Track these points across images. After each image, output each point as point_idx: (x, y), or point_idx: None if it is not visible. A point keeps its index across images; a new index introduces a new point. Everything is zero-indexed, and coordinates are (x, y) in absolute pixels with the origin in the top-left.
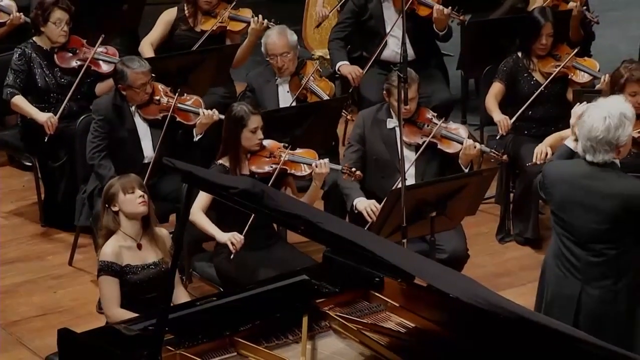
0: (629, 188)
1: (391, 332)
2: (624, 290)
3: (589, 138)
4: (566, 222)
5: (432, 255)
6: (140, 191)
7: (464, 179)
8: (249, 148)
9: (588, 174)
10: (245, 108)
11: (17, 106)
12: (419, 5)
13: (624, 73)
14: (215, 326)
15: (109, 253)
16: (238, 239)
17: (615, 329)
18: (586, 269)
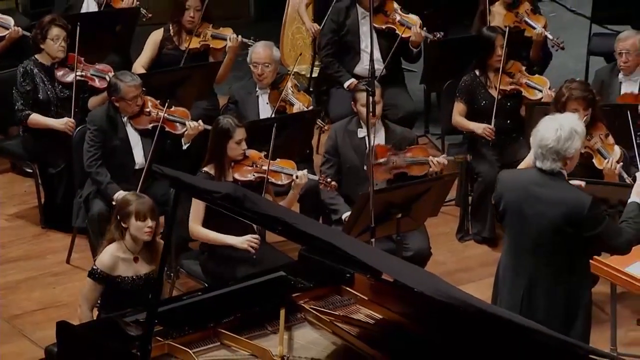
0: (573, 197)
1: (361, 323)
2: (565, 294)
3: (540, 146)
4: (515, 226)
5: (398, 253)
6: (151, 221)
7: (427, 184)
8: (234, 157)
9: (537, 181)
10: (231, 121)
11: (35, 123)
12: (399, 25)
13: (565, 92)
14: (201, 318)
15: (105, 263)
16: (255, 240)
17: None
18: (532, 272)
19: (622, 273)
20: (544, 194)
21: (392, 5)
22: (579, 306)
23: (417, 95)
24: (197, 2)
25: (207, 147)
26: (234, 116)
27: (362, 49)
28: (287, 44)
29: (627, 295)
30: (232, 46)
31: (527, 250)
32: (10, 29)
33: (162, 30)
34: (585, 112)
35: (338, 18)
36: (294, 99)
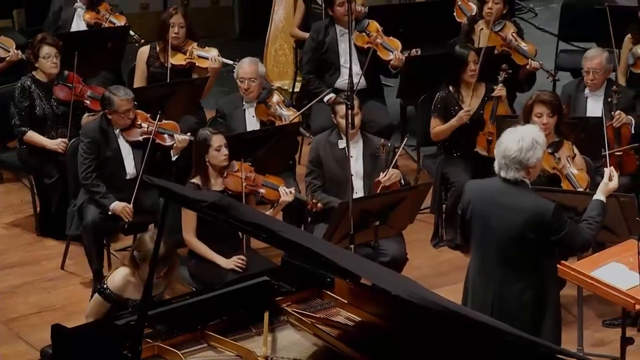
0: (536, 204)
1: (340, 325)
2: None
3: (503, 156)
4: (482, 234)
5: (375, 259)
6: (164, 271)
7: (403, 193)
8: (218, 164)
9: (502, 190)
10: (207, 131)
11: (30, 140)
12: (381, 48)
13: (533, 96)
14: (189, 321)
15: (116, 284)
16: (241, 262)
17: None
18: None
19: (588, 277)
20: (509, 202)
21: (374, 26)
22: (547, 308)
23: (394, 108)
24: (180, 19)
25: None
26: (223, 129)
27: (342, 65)
28: (270, 60)
29: (593, 298)
30: (214, 67)
31: (495, 257)
32: (10, 52)
33: (148, 47)
34: (550, 118)
35: (317, 36)
36: (284, 112)
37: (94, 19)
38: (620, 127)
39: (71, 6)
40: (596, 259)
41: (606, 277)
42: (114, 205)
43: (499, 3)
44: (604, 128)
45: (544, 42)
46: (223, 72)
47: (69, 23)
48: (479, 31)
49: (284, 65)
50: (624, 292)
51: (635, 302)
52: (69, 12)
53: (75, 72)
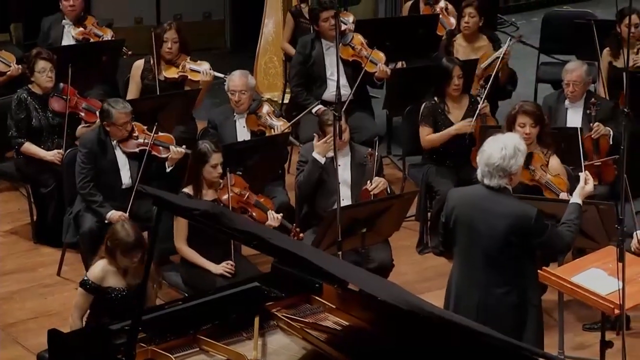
0: (519, 210)
1: (329, 330)
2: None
3: (487, 164)
4: (466, 240)
5: (363, 265)
6: (137, 257)
7: (389, 201)
8: (211, 180)
9: (485, 197)
10: (209, 146)
11: (27, 151)
12: (366, 60)
13: (516, 107)
14: (181, 326)
15: (96, 274)
16: (230, 267)
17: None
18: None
19: (568, 282)
20: (492, 208)
21: (358, 39)
22: (530, 311)
23: (380, 119)
24: (174, 34)
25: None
26: (214, 139)
27: (328, 77)
28: (260, 73)
29: (573, 302)
30: (205, 80)
31: (480, 262)
32: (11, 66)
33: (142, 61)
34: (532, 128)
35: (304, 50)
36: (274, 122)
37: (81, 34)
38: (599, 138)
39: (59, 24)
40: (576, 265)
41: (586, 283)
42: (110, 214)
43: (475, 16)
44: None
45: (526, 55)
46: (214, 84)
47: (58, 41)
48: (457, 45)
49: (274, 78)
50: (603, 297)
51: (614, 306)
52: (58, 30)
53: (70, 85)
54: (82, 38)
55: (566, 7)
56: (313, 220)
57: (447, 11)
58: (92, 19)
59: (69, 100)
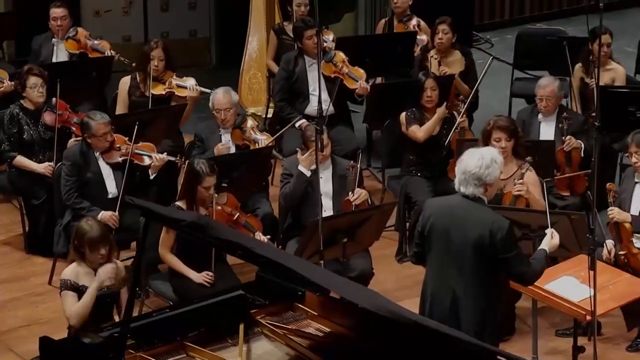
0: (493, 220)
1: (311, 336)
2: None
3: (463, 172)
4: (440, 248)
5: (344, 273)
6: (103, 249)
7: (369, 212)
8: (202, 199)
9: (460, 206)
10: (204, 168)
11: (19, 164)
12: (347, 77)
13: (491, 122)
14: (169, 333)
15: (69, 273)
16: (208, 277)
17: None
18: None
19: (542, 290)
20: (467, 217)
21: (341, 57)
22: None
23: (360, 133)
24: (160, 52)
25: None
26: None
27: (310, 93)
28: (244, 88)
29: (547, 309)
30: (192, 96)
31: (451, 270)
32: (4, 82)
33: (129, 77)
34: (507, 142)
35: (288, 67)
36: (258, 136)
37: (76, 48)
38: (571, 151)
39: (49, 42)
40: (549, 273)
41: (559, 290)
42: (101, 215)
43: (448, 33)
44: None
45: (501, 71)
46: (201, 99)
47: (49, 59)
48: (431, 60)
49: (258, 93)
50: (575, 303)
51: (586, 313)
52: (49, 48)
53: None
54: (80, 52)
55: (539, 25)
56: (296, 230)
57: (419, 28)
58: (83, 31)
59: (61, 114)
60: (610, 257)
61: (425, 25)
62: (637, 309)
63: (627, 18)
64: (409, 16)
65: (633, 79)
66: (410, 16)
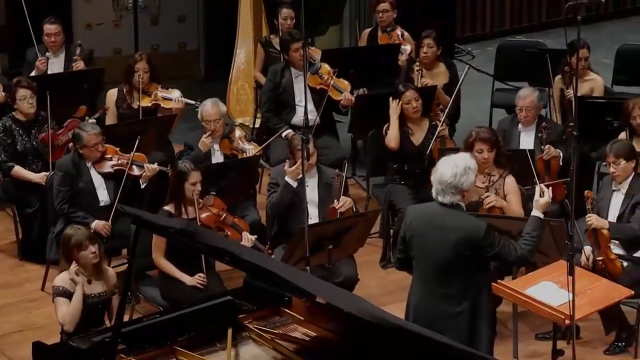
0: (471, 224)
1: (298, 340)
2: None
3: (440, 182)
4: (423, 254)
5: (329, 279)
6: (92, 247)
7: (354, 219)
8: (191, 197)
9: (439, 213)
10: (188, 165)
11: (17, 174)
12: (332, 89)
13: (473, 134)
14: (159, 337)
15: (61, 280)
16: (201, 279)
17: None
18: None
19: (522, 295)
20: (445, 224)
21: (326, 69)
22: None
23: (345, 142)
24: (144, 64)
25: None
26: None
27: (297, 103)
28: (232, 99)
29: (527, 313)
30: (177, 107)
31: (433, 275)
32: None
33: (115, 90)
34: (489, 153)
35: (275, 78)
36: (246, 146)
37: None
38: (550, 160)
39: (43, 56)
40: (529, 278)
41: (539, 295)
42: (95, 224)
43: (433, 46)
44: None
45: (482, 82)
46: (190, 109)
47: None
48: (416, 71)
49: (245, 104)
50: (554, 308)
51: (565, 317)
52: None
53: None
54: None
55: (519, 37)
56: (283, 237)
57: (403, 37)
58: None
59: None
60: (589, 262)
61: (409, 35)
62: (615, 314)
63: (604, 31)
64: (393, 27)
65: (610, 90)
66: (394, 26)
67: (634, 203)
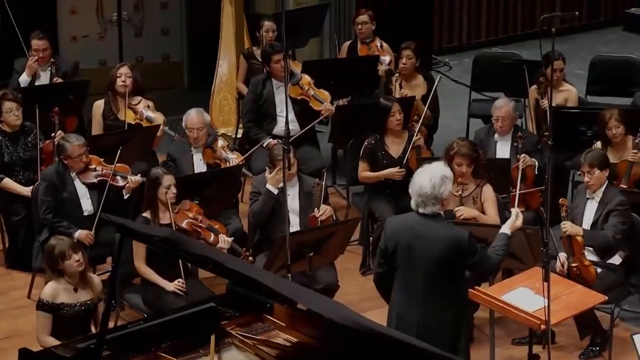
0: (453, 233)
1: (279, 346)
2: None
3: (419, 195)
4: (406, 264)
5: (310, 286)
6: (76, 255)
7: (334, 227)
8: (167, 201)
9: (421, 223)
10: (160, 170)
11: (6, 187)
12: (313, 99)
13: (455, 147)
14: (143, 343)
15: (48, 293)
16: (180, 284)
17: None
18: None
19: (498, 301)
20: (429, 233)
21: (306, 79)
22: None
23: (326, 152)
24: (127, 69)
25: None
26: (172, 171)
27: (278, 114)
28: (215, 110)
29: (503, 319)
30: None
31: (418, 284)
32: None
33: (102, 101)
34: (468, 167)
35: (256, 89)
36: (229, 155)
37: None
38: (525, 168)
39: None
40: (506, 285)
41: (515, 301)
42: (78, 234)
43: (412, 58)
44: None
45: (459, 93)
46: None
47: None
48: (395, 83)
49: (228, 114)
50: (530, 313)
51: (541, 322)
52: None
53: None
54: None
55: (495, 49)
56: (265, 245)
57: (382, 48)
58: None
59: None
60: (564, 269)
61: (388, 46)
62: (589, 319)
63: (578, 42)
64: (372, 39)
65: (584, 100)
66: (373, 39)
67: (608, 211)
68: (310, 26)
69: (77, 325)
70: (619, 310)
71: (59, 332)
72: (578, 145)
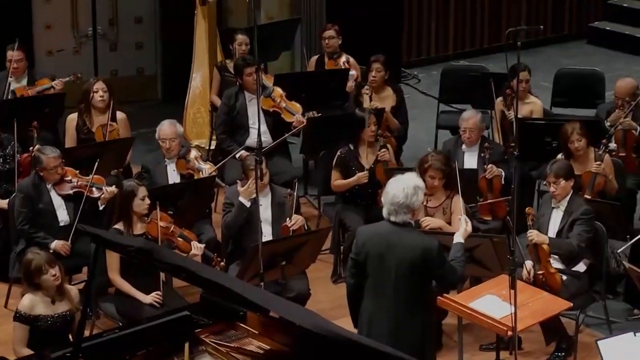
0: (424, 242)
1: (252, 353)
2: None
3: (392, 203)
4: (378, 273)
5: (282, 294)
6: (53, 269)
7: (306, 237)
8: (141, 212)
9: (392, 232)
10: (133, 182)
11: None
12: (285, 111)
13: (429, 160)
14: (118, 352)
15: (26, 305)
16: (158, 297)
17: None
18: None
19: (466, 307)
20: (400, 242)
21: (278, 92)
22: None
23: (297, 163)
24: (102, 84)
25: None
26: (146, 182)
27: (250, 126)
28: (189, 122)
29: (471, 325)
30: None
31: (389, 292)
32: None
33: (75, 115)
34: (440, 180)
35: (229, 102)
36: (202, 166)
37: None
38: (492, 178)
39: (5, 81)
40: (473, 292)
41: (482, 308)
42: (54, 244)
43: (381, 71)
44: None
45: (427, 105)
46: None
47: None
48: (365, 95)
49: (201, 126)
50: (497, 320)
51: (508, 328)
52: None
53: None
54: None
55: (462, 62)
56: (239, 254)
57: (349, 64)
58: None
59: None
60: (530, 276)
61: (354, 61)
62: (555, 325)
63: (543, 55)
64: (339, 53)
65: (549, 112)
66: (340, 53)
67: (573, 220)
68: (282, 40)
69: (55, 337)
70: (584, 316)
71: (37, 344)
72: (543, 156)
